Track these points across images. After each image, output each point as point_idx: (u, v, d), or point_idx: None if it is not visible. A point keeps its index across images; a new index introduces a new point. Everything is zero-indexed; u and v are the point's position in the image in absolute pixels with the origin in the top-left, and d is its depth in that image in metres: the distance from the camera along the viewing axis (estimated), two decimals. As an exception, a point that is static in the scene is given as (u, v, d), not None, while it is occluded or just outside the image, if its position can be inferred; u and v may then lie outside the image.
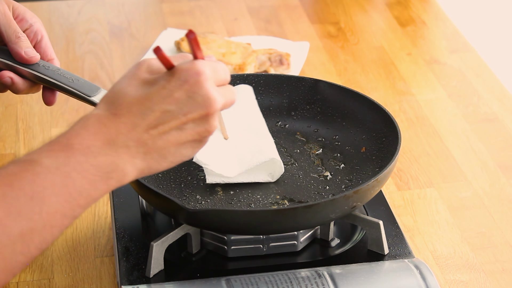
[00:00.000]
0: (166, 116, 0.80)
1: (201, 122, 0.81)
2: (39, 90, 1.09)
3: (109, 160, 0.78)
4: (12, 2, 1.07)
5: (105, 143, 0.78)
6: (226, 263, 1.00)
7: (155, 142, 0.80)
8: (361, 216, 1.01)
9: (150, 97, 0.80)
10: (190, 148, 0.82)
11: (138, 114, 0.79)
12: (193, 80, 0.80)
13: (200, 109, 0.80)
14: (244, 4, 1.72)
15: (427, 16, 1.69)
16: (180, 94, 0.80)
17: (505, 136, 1.33)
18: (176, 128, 0.80)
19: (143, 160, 0.80)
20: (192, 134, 0.81)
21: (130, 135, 0.79)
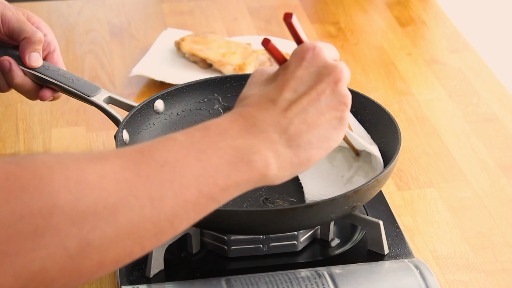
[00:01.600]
0: (296, 95, 0.79)
1: (333, 93, 0.79)
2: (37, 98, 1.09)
3: (248, 143, 0.75)
4: (27, 11, 1.08)
5: (243, 129, 0.76)
6: (226, 263, 1.00)
7: (294, 125, 0.77)
8: (361, 216, 1.01)
9: (274, 86, 0.80)
10: (332, 130, 0.79)
11: (268, 102, 0.78)
12: (309, 56, 0.80)
13: (326, 78, 0.79)
14: (244, 4, 1.72)
15: (427, 16, 1.69)
16: (302, 72, 0.80)
17: (505, 136, 1.33)
18: (310, 105, 0.78)
19: (287, 147, 0.77)
20: (329, 110, 0.79)
21: (267, 120, 0.77)
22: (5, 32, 1.06)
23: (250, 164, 0.74)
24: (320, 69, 0.80)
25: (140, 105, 1.10)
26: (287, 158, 0.77)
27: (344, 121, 0.80)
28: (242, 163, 0.73)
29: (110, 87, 1.44)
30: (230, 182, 0.73)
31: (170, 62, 1.48)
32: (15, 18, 1.05)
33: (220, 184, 0.72)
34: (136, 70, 1.44)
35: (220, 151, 0.73)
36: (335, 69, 0.80)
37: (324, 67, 0.80)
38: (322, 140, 0.79)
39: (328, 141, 0.79)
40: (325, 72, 0.80)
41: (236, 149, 0.74)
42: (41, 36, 1.06)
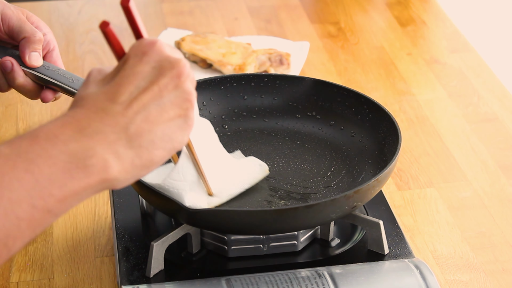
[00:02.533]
0: (137, 91, 0.73)
1: (176, 88, 0.74)
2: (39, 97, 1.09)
3: (83, 146, 0.68)
4: (26, 11, 1.08)
5: (76, 131, 0.69)
6: (226, 263, 1.00)
7: (135, 124, 0.71)
8: (361, 216, 1.01)
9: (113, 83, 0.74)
10: (177, 130, 0.74)
11: (106, 101, 0.72)
12: (151, 50, 0.74)
13: (169, 72, 0.74)
14: (244, 4, 1.72)
15: (427, 16, 1.69)
16: (143, 67, 0.74)
17: (505, 136, 1.33)
18: (153, 102, 0.73)
19: (128, 147, 0.71)
20: (173, 107, 0.74)
21: (104, 120, 0.71)
22: (5, 31, 1.06)
23: (87, 169, 0.68)
24: (161, 63, 0.74)
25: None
26: (128, 160, 0.71)
27: (189, 120, 0.75)
28: (78, 169, 0.68)
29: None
30: (67, 192, 0.67)
31: (170, 62, 1.48)
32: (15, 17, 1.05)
33: (56, 195, 0.67)
34: (136, 70, 1.44)
35: (52, 159, 0.67)
36: (178, 63, 0.74)
37: (167, 61, 0.74)
38: (166, 140, 0.73)
39: (172, 141, 0.74)
40: (168, 66, 0.74)
41: (69, 155, 0.68)
42: (40, 36, 1.05)
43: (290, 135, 1.14)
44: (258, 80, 1.16)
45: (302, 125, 1.15)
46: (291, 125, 1.15)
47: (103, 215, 1.15)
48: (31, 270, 1.06)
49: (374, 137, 1.09)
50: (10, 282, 1.04)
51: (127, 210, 1.07)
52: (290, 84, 1.16)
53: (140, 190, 0.97)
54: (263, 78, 1.16)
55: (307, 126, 1.14)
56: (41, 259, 1.08)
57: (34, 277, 1.05)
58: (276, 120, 1.15)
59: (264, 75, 1.17)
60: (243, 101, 1.16)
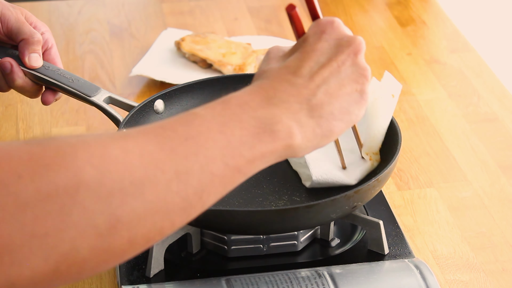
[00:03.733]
0: (317, 66, 0.78)
1: (353, 65, 0.80)
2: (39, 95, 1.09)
3: (270, 113, 0.74)
4: (25, 11, 1.08)
5: (264, 100, 0.75)
6: (226, 263, 1.00)
7: (316, 96, 0.77)
8: (361, 216, 1.01)
9: (295, 58, 0.79)
10: (353, 103, 0.79)
11: (289, 73, 0.78)
12: (329, 29, 0.81)
13: (346, 49, 0.80)
14: (244, 4, 1.72)
15: (427, 16, 1.69)
16: (322, 44, 0.80)
17: (505, 136, 1.33)
18: (332, 76, 0.78)
19: (309, 117, 0.76)
20: (350, 82, 0.79)
21: (288, 91, 0.76)
22: (4, 32, 1.06)
23: (274, 134, 0.73)
24: (339, 41, 0.81)
25: (140, 105, 1.10)
26: (310, 128, 0.76)
27: (364, 95, 0.80)
28: (265, 134, 0.72)
29: (110, 87, 1.44)
30: (255, 153, 0.72)
31: (170, 62, 1.48)
32: (14, 18, 1.05)
33: (246, 156, 0.71)
34: (136, 70, 1.44)
35: (243, 123, 0.72)
36: (355, 41, 0.81)
37: (344, 39, 0.81)
38: (344, 112, 0.78)
39: (349, 114, 0.79)
40: (345, 43, 0.80)
41: (258, 120, 0.73)
42: (39, 36, 1.06)
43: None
44: (258, 80, 1.16)
45: (302, 125, 1.14)
46: (291, 125, 1.15)
47: (103, 215, 1.15)
48: (31, 270, 1.06)
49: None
50: (10, 282, 1.04)
51: (127, 210, 1.07)
52: (290, 84, 1.16)
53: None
54: (263, 78, 1.16)
55: (307, 126, 1.14)
56: (41, 259, 1.08)
57: (34, 277, 1.05)
58: (276, 120, 1.15)
59: (264, 75, 1.17)
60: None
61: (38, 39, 1.05)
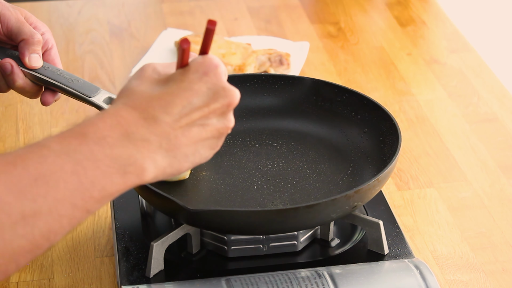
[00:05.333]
0: (189, 108, 0.78)
1: (222, 116, 0.80)
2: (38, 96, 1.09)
3: (126, 153, 0.74)
4: (25, 11, 1.08)
5: (123, 135, 0.74)
6: (226, 263, 1.00)
7: (177, 136, 0.77)
8: (361, 216, 1.01)
9: (169, 91, 0.78)
10: (208, 148, 0.81)
11: (159, 108, 0.77)
12: (212, 73, 0.79)
13: (222, 100, 0.79)
14: (244, 4, 1.72)
15: (427, 16, 1.69)
16: (200, 86, 0.79)
17: (505, 136, 1.33)
18: (199, 121, 0.79)
19: (165, 157, 0.77)
20: (213, 130, 0.80)
21: (152, 128, 0.76)
22: (4, 33, 1.06)
23: (126, 175, 0.73)
24: (218, 88, 0.80)
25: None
26: (161, 168, 0.77)
27: (220, 142, 0.82)
28: (118, 175, 0.73)
29: (110, 87, 1.44)
30: (105, 194, 0.72)
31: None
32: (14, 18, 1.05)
33: (95, 197, 0.71)
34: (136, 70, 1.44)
35: (97, 162, 0.72)
36: (233, 94, 0.80)
37: (222, 89, 0.80)
38: (196, 155, 0.80)
39: (200, 157, 0.80)
40: (222, 93, 0.80)
41: (113, 160, 0.72)
42: (39, 37, 1.05)
43: (290, 135, 1.14)
44: (258, 80, 1.16)
45: (302, 125, 1.15)
46: (291, 125, 1.15)
47: (103, 215, 1.15)
48: (31, 270, 1.06)
49: (374, 137, 1.09)
50: (10, 282, 1.04)
51: (127, 210, 1.07)
52: (290, 84, 1.16)
53: (140, 190, 0.97)
54: (263, 78, 1.16)
55: (307, 126, 1.14)
56: (41, 259, 1.08)
57: (34, 277, 1.05)
58: (276, 120, 1.15)
59: (264, 75, 1.17)
60: (243, 101, 1.15)
61: (38, 40, 1.05)
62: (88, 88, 1.07)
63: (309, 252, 1.02)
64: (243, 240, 1.00)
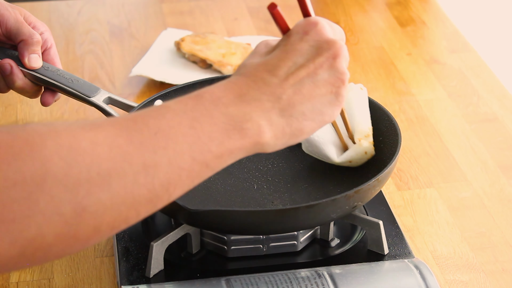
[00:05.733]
0: (294, 66, 0.79)
1: (330, 68, 0.80)
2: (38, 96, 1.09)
3: (241, 111, 0.75)
4: (24, 11, 1.08)
5: (236, 96, 0.76)
6: (226, 263, 1.00)
7: (288, 95, 0.78)
8: (361, 216, 1.01)
9: (274, 56, 0.80)
10: (327, 105, 0.80)
11: (265, 72, 0.78)
12: (312, 30, 0.81)
13: (326, 52, 0.80)
14: (244, 4, 1.72)
15: (427, 16, 1.69)
16: (303, 45, 0.80)
17: (505, 136, 1.33)
18: (307, 78, 0.79)
19: (280, 116, 0.77)
20: (325, 85, 0.80)
21: (262, 89, 0.77)
22: (3, 33, 1.06)
23: (243, 131, 0.74)
24: (320, 43, 0.81)
25: (140, 105, 1.10)
26: (279, 127, 0.77)
27: (340, 97, 0.81)
28: (235, 131, 0.74)
29: (110, 87, 1.44)
30: (223, 149, 0.73)
31: (170, 62, 1.48)
32: (13, 19, 1.05)
33: (214, 151, 0.72)
34: (136, 70, 1.44)
35: (213, 119, 0.73)
36: (335, 45, 0.81)
37: (325, 42, 0.81)
38: (316, 113, 0.79)
39: (322, 114, 0.80)
40: (325, 46, 0.80)
41: (229, 117, 0.74)
42: (38, 37, 1.05)
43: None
44: (258, 80, 1.16)
45: (302, 125, 1.14)
46: (291, 125, 1.15)
47: (103, 215, 1.15)
48: (31, 270, 1.06)
49: (374, 137, 1.08)
50: (10, 282, 1.04)
51: (127, 210, 1.07)
52: (290, 84, 1.16)
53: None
54: (263, 78, 1.16)
55: (307, 126, 1.14)
56: (41, 259, 1.08)
57: (34, 277, 1.05)
58: (276, 120, 1.15)
59: (264, 75, 1.17)
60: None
61: (37, 40, 1.05)
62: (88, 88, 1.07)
63: (309, 252, 1.02)
64: (243, 240, 1.00)
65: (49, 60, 1.08)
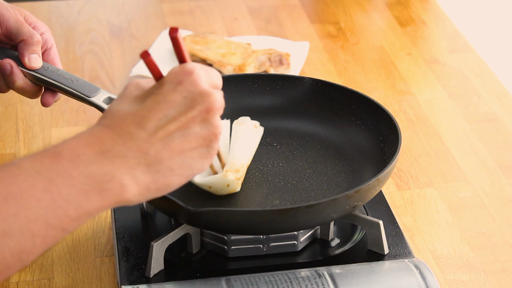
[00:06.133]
0: (165, 119, 0.75)
1: (204, 122, 0.76)
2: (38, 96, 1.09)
3: (102, 170, 0.71)
4: (24, 11, 1.08)
5: (98, 153, 0.71)
6: (226, 263, 1.00)
7: (156, 150, 0.74)
8: (361, 216, 1.01)
9: (144, 106, 0.75)
10: (197, 158, 0.76)
11: (133, 124, 0.74)
12: (187, 80, 0.76)
13: (199, 106, 0.76)
14: (244, 4, 1.72)
15: (427, 16, 1.69)
16: (175, 96, 0.75)
17: (505, 136, 1.33)
18: (178, 132, 0.75)
19: (146, 172, 0.73)
20: (197, 139, 0.76)
21: (127, 144, 0.73)
22: (3, 33, 1.06)
23: (104, 192, 0.70)
24: (194, 95, 0.76)
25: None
26: (144, 184, 0.73)
27: (211, 150, 0.77)
28: (94, 192, 0.70)
29: (110, 87, 1.44)
30: (81, 212, 0.70)
31: (170, 62, 1.48)
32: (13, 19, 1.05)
33: (71, 215, 0.69)
34: (136, 70, 1.44)
35: (72, 180, 0.69)
36: (209, 98, 0.76)
37: (199, 94, 0.76)
38: (185, 168, 0.76)
39: (191, 169, 0.76)
40: (198, 99, 0.76)
41: (88, 177, 0.70)
42: (38, 37, 1.05)
43: (290, 135, 1.14)
44: (258, 80, 1.16)
45: (302, 125, 1.15)
46: (291, 125, 1.15)
47: (103, 215, 1.15)
48: (31, 270, 1.06)
49: (374, 137, 1.09)
50: (10, 282, 1.04)
51: (127, 210, 1.07)
52: (290, 84, 1.16)
53: (140, 190, 0.97)
54: (263, 78, 1.16)
55: (307, 126, 1.14)
56: (41, 259, 1.08)
57: (34, 277, 1.05)
58: (276, 120, 1.15)
59: (264, 75, 1.17)
60: (243, 101, 1.16)
61: (37, 40, 1.05)
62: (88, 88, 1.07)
63: (309, 252, 1.02)
64: (243, 240, 1.00)
65: (49, 60, 1.08)
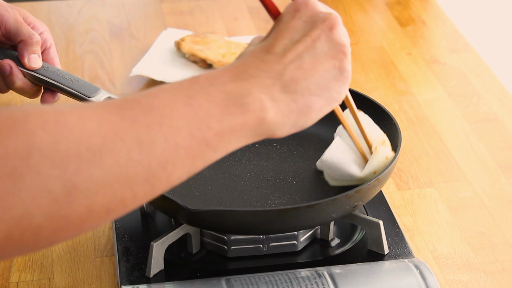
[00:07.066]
0: (291, 43, 0.76)
1: (329, 40, 0.77)
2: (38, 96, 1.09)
3: (240, 87, 0.72)
4: (23, 11, 1.08)
5: (234, 76, 0.73)
6: (226, 263, 1.00)
7: (289, 71, 0.75)
8: (361, 216, 1.01)
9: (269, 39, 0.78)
10: (332, 80, 0.77)
11: (262, 53, 0.76)
12: (303, 7, 0.79)
13: (321, 24, 0.77)
14: (244, 4, 1.72)
15: (427, 16, 1.69)
16: (296, 22, 0.78)
17: (505, 136, 1.33)
18: (306, 52, 0.76)
19: (283, 92, 0.74)
20: (326, 58, 0.77)
21: (260, 67, 0.74)
22: (2, 33, 1.06)
23: (244, 106, 0.71)
24: (313, 17, 0.78)
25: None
26: (284, 103, 0.74)
27: (345, 72, 0.78)
28: (234, 106, 0.70)
29: (110, 87, 1.44)
30: (224, 126, 0.70)
31: (170, 62, 1.48)
32: (12, 19, 1.05)
33: (214, 128, 0.69)
34: (136, 70, 1.44)
35: (210, 96, 0.70)
36: (329, 16, 0.78)
37: (318, 15, 0.78)
38: (322, 88, 0.76)
39: (329, 90, 0.77)
40: (319, 19, 0.78)
41: (227, 94, 0.71)
42: (38, 38, 1.05)
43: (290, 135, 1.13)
44: (258, 80, 1.16)
45: (302, 125, 1.14)
46: (291, 125, 1.15)
47: (103, 215, 1.15)
48: (31, 270, 1.06)
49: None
50: (10, 282, 1.04)
51: (127, 210, 1.07)
52: (290, 84, 1.16)
53: (140, 190, 0.97)
54: (263, 78, 1.16)
55: (307, 126, 1.14)
56: (41, 259, 1.08)
57: (34, 277, 1.05)
58: (276, 120, 1.15)
59: (264, 75, 1.17)
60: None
61: (37, 40, 1.05)
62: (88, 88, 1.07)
63: (309, 252, 1.02)
64: (243, 240, 1.00)
65: (48, 60, 1.08)
